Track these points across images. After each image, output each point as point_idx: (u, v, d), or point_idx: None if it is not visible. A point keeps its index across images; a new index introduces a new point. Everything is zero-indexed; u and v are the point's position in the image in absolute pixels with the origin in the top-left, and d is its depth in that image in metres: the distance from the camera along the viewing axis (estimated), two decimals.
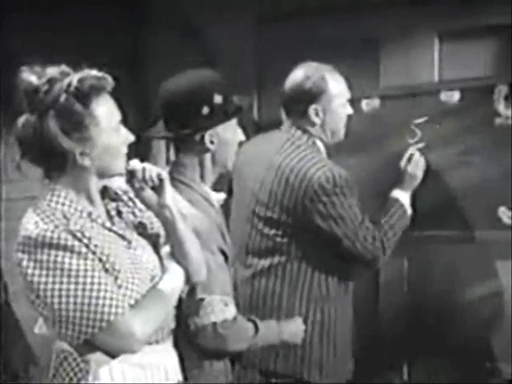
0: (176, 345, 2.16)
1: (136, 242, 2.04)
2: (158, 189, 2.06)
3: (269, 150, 3.04)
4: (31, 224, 1.88)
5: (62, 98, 1.88)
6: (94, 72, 1.93)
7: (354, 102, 3.79)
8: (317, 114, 3.05)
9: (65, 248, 1.85)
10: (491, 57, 3.68)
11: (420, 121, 3.65)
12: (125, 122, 2.04)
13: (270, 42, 4.02)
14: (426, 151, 3.64)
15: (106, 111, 1.95)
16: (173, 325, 2.12)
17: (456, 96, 3.58)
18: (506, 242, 3.45)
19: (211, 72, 2.57)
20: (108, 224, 2.00)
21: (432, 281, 3.72)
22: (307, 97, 3.03)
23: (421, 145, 3.64)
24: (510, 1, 3.49)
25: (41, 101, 1.88)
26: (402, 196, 3.22)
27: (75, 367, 1.92)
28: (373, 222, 3.04)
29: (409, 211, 3.21)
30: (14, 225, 1.98)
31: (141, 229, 2.10)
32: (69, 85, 1.89)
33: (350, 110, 3.18)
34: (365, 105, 3.78)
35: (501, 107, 3.49)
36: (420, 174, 3.31)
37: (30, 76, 1.91)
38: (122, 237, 2.01)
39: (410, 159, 3.33)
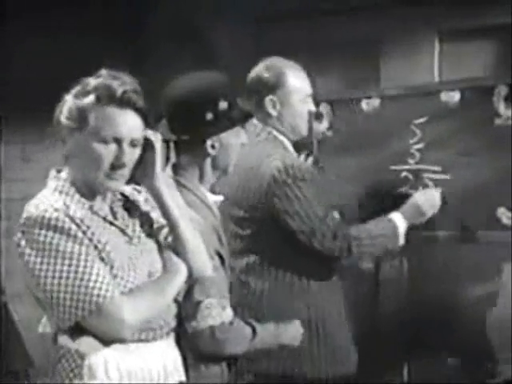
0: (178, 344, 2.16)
1: (137, 238, 2.06)
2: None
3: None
4: (32, 206, 1.93)
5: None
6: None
7: (354, 101, 3.83)
8: (273, 106, 3.00)
9: (61, 230, 1.89)
10: (491, 57, 3.69)
11: (420, 121, 3.66)
12: None
13: (270, 42, 4.02)
14: (425, 151, 3.65)
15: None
16: (173, 323, 2.12)
17: (456, 96, 3.58)
18: (506, 242, 3.45)
19: (217, 74, 2.51)
20: (110, 217, 2.02)
21: (432, 281, 3.72)
22: (264, 88, 2.99)
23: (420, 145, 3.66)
24: (510, 1, 3.49)
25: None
26: (400, 220, 3.09)
27: (72, 363, 1.93)
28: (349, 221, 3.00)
29: (400, 238, 3.06)
30: (13, 225, 1.99)
31: (146, 224, 2.11)
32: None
33: (311, 107, 3.09)
34: (365, 105, 3.78)
35: (501, 108, 3.49)
36: (429, 214, 3.16)
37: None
38: (123, 231, 2.03)
39: (426, 194, 3.22)
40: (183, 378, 2.12)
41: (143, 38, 4.24)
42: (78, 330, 1.91)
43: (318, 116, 3.84)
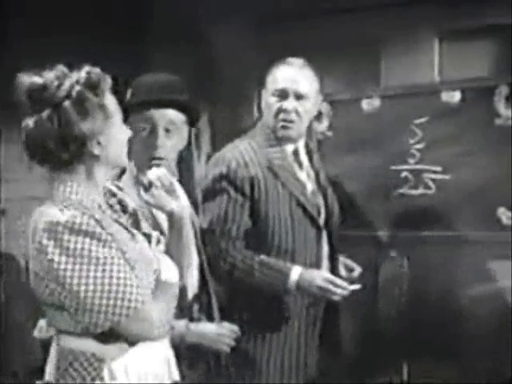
0: None
1: (138, 235, 2.05)
2: (171, 194, 2.15)
3: None
4: (56, 210, 1.89)
5: (76, 88, 1.92)
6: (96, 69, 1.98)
7: (354, 101, 3.82)
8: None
9: (92, 235, 1.86)
10: (492, 57, 3.69)
11: (420, 121, 3.66)
12: None
13: (270, 42, 4.01)
14: (426, 151, 3.65)
15: (113, 105, 2.00)
16: (170, 323, 2.12)
17: (457, 96, 3.58)
18: (506, 242, 3.46)
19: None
20: (115, 216, 2.02)
21: (432, 281, 3.72)
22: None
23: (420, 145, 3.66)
24: (510, 1, 3.48)
25: (53, 95, 1.91)
26: (296, 273, 2.85)
27: (88, 366, 1.91)
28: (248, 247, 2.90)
29: (289, 286, 2.85)
30: (13, 225, 1.98)
31: (136, 221, 2.11)
32: (78, 77, 1.93)
33: (283, 105, 2.94)
34: (365, 104, 3.79)
35: (501, 108, 3.49)
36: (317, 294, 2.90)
37: (32, 77, 1.95)
38: (127, 229, 2.02)
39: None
40: (177, 378, 2.12)
41: (143, 38, 4.23)
42: (91, 333, 1.90)
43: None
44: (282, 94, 2.92)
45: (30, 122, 1.93)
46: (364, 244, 3.74)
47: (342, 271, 3.09)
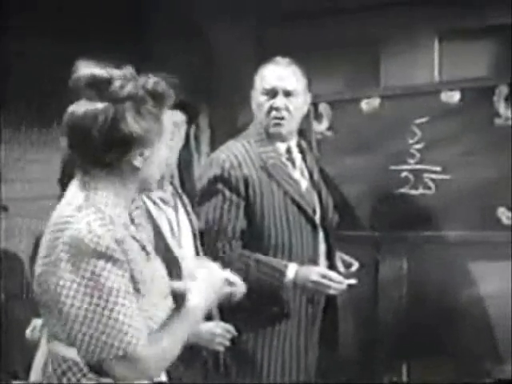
0: None
1: (153, 253, 1.95)
2: None
3: None
4: (83, 224, 1.78)
5: (140, 92, 1.85)
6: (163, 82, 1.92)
7: (353, 101, 3.82)
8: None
9: (108, 259, 1.77)
10: (492, 57, 3.69)
11: (420, 121, 3.66)
12: None
13: (270, 41, 4.01)
14: (425, 151, 3.65)
15: (168, 123, 1.95)
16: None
17: (456, 96, 3.58)
18: (506, 242, 3.46)
19: None
20: (135, 234, 1.90)
21: (431, 281, 3.72)
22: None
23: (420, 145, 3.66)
24: (510, 1, 3.48)
25: (117, 90, 1.84)
26: (292, 271, 2.87)
27: (82, 378, 1.84)
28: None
29: (286, 283, 2.88)
30: (13, 225, 1.96)
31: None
32: (145, 83, 1.87)
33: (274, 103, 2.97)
34: (365, 105, 3.79)
35: (501, 108, 3.49)
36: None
37: (95, 68, 1.87)
38: (143, 248, 1.90)
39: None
40: (164, 378, 2.09)
41: (144, 38, 4.23)
42: None
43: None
44: (272, 93, 2.95)
45: (80, 108, 1.83)
46: (364, 244, 3.74)
47: (341, 268, 3.11)
